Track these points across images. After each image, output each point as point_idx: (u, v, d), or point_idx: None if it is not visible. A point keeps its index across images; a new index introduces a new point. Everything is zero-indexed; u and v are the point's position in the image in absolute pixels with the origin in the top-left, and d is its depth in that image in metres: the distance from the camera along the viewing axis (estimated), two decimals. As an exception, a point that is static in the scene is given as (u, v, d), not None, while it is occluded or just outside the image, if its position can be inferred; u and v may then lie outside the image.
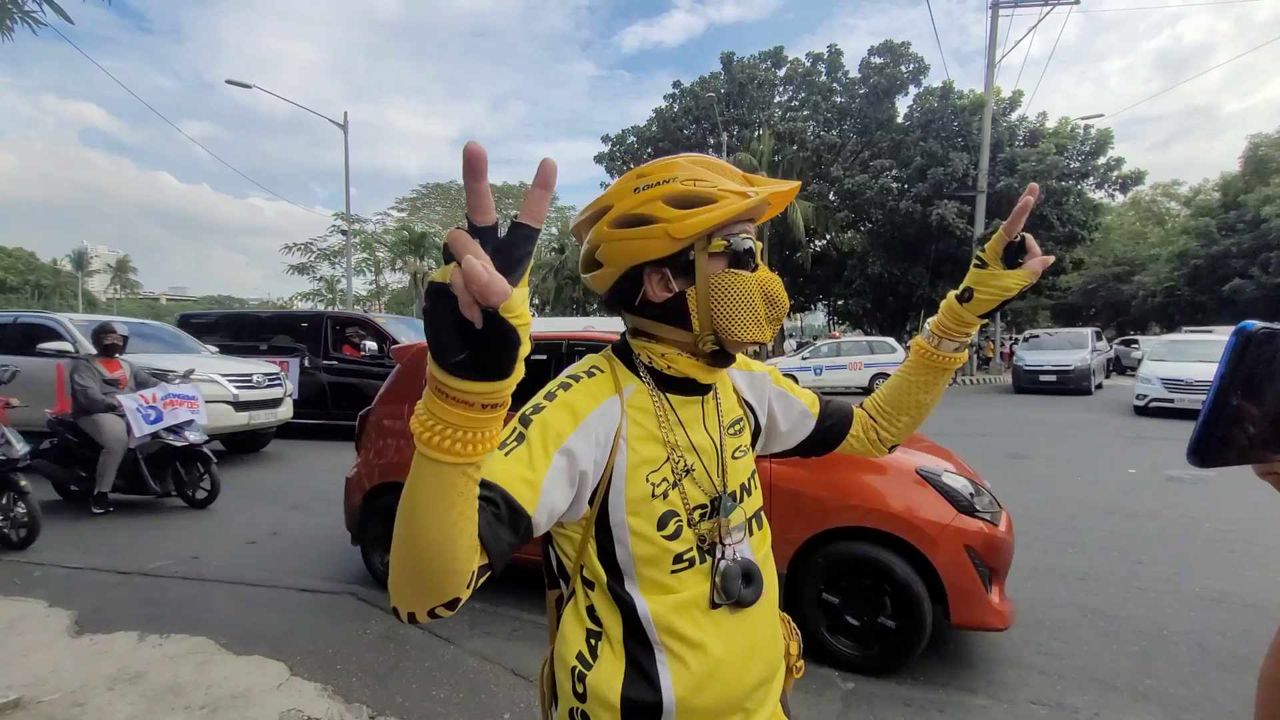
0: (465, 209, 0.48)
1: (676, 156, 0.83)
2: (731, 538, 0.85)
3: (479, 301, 0.44)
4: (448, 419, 0.50)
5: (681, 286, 0.83)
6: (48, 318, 7.73)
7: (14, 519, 4.47)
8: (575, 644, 0.83)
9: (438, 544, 0.57)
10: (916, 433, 3.45)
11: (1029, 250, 0.98)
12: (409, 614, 0.62)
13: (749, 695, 0.84)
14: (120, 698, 2.72)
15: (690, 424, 0.86)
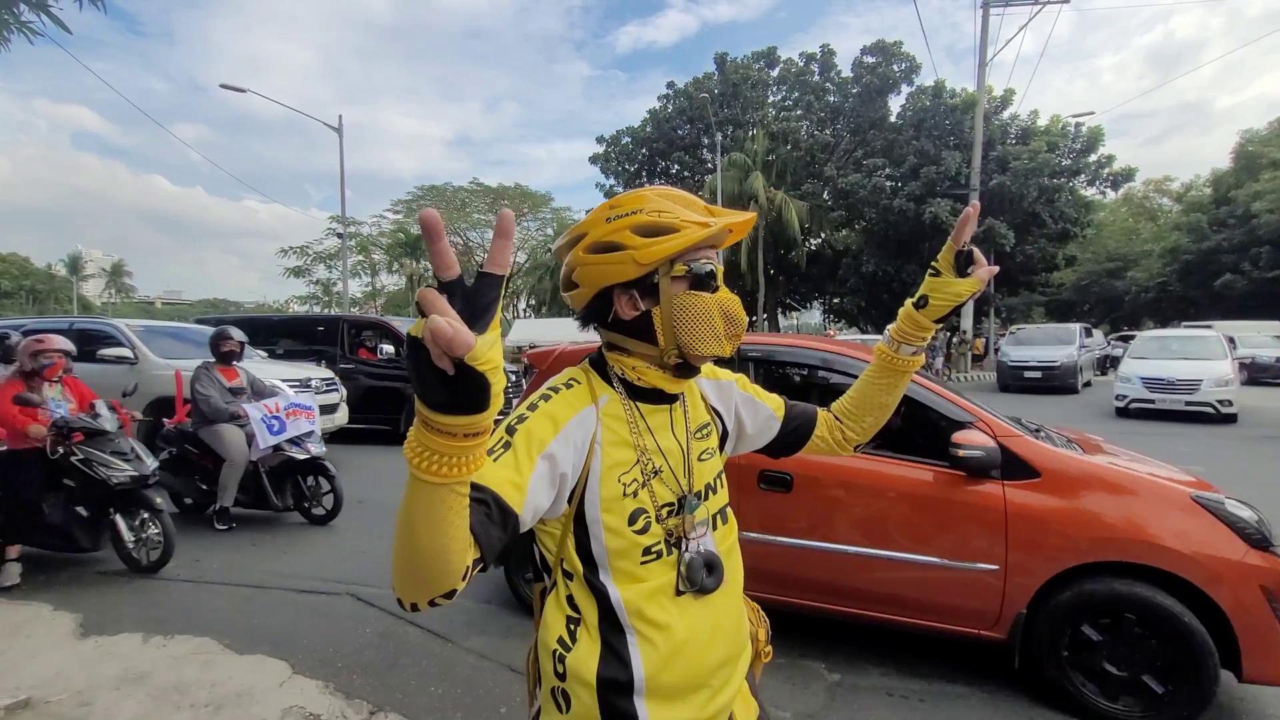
0: (432, 268, 0.56)
1: (645, 189, 0.92)
2: (696, 532, 0.93)
3: (447, 354, 0.52)
4: (434, 447, 0.59)
5: (648, 306, 0.92)
6: (105, 323, 7.70)
7: (146, 540, 4.14)
8: (556, 629, 0.91)
9: (433, 550, 0.66)
10: (1096, 439, 3.27)
11: (976, 261, 1.07)
12: (411, 604, 0.71)
13: (714, 673, 0.93)
14: (126, 697, 2.80)
15: (659, 430, 0.95)
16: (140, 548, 4.13)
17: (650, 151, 31.68)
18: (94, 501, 4.03)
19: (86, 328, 7.69)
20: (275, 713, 2.67)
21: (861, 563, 2.83)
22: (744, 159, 26.30)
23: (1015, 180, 21.75)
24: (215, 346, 5.27)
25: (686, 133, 30.97)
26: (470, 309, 0.55)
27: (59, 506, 4.06)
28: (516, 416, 0.87)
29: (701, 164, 30.64)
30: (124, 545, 4.10)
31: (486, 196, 34.01)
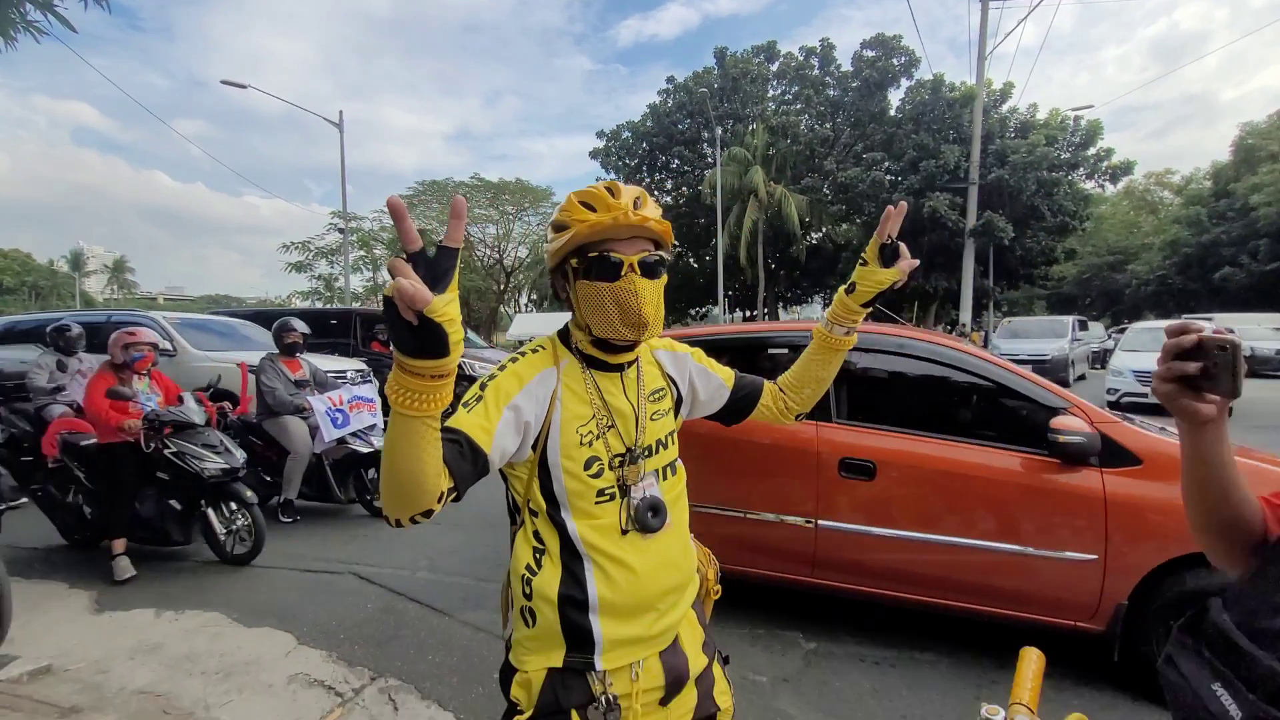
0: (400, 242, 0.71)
1: (577, 191, 1.05)
2: (644, 480, 1.08)
3: (410, 308, 0.67)
4: (408, 386, 0.75)
5: (567, 291, 1.08)
6: (143, 315, 7.76)
7: (237, 532, 4.15)
8: (524, 558, 1.07)
9: (411, 473, 0.81)
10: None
11: (900, 254, 1.22)
12: (395, 520, 0.86)
13: (660, 599, 1.08)
14: (141, 665, 2.97)
15: (610, 392, 1.10)
16: (231, 539, 4.15)
17: (650, 146, 31.73)
18: (186, 495, 4.04)
19: (125, 320, 7.72)
20: (282, 679, 2.84)
21: (949, 552, 2.76)
22: (744, 153, 26.35)
23: (1014, 174, 21.78)
24: (279, 338, 5.25)
25: (687, 127, 31.01)
26: (431, 274, 0.70)
27: (152, 500, 4.08)
28: (489, 375, 1.02)
29: (701, 158, 30.70)
30: (215, 538, 4.12)
31: (487, 191, 34.04)
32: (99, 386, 3.84)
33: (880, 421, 3.02)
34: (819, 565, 3.01)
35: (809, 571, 3.02)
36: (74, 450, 4.16)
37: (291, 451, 4.99)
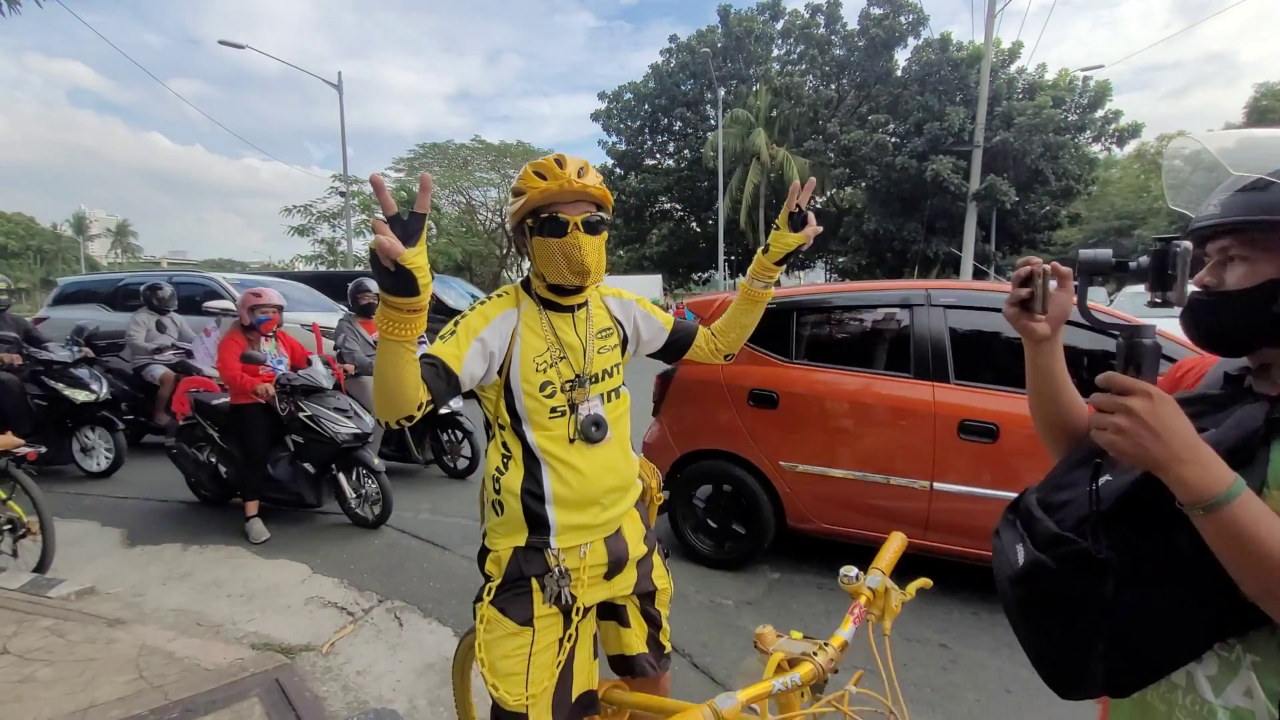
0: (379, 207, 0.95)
1: (532, 162, 1.28)
2: (589, 401, 1.33)
3: (388, 257, 0.93)
4: (390, 317, 1.00)
5: (524, 245, 1.32)
6: (204, 276, 7.85)
7: (366, 495, 4.13)
8: (494, 462, 1.33)
9: (395, 385, 1.07)
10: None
11: (808, 222, 1.45)
12: (385, 421, 1.12)
13: (603, 495, 1.34)
14: (173, 589, 3.31)
15: (562, 329, 1.34)
16: (362, 504, 4.14)
17: (652, 108, 31.30)
18: (319, 459, 4.05)
19: (185, 280, 7.83)
20: (299, 601, 3.18)
21: None
22: (746, 115, 26.03)
23: (1019, 136, 21.55)
24: (355, 299, 5.15)
25: (689, 88, 30.52)
26: (404, 232, 0.95)
27: (285, 462, 4.13)
28: (461, 314, 1.27)
29: (704, 120, 30.30)
30: (347, 502, 4.13)
31: (489, 155, 33.66)
32: (231, 349, 3.83)
33: (1001, 383, 2.95)
34: (932, 528, 3.00)
35: (921, 534, 2.97)
36: (206, 409, 4.20)
37: (373, 412, 5.03)
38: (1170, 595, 0.76)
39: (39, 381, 5.08)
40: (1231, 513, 0.68)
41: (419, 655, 2.70)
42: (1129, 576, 0.77)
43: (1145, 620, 0.78)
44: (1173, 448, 0.70)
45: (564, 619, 1.30)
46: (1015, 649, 2.60)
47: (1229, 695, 0.78)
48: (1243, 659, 0.78)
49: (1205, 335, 0.86)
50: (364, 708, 2.26)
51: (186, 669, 2.36)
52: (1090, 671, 0.82)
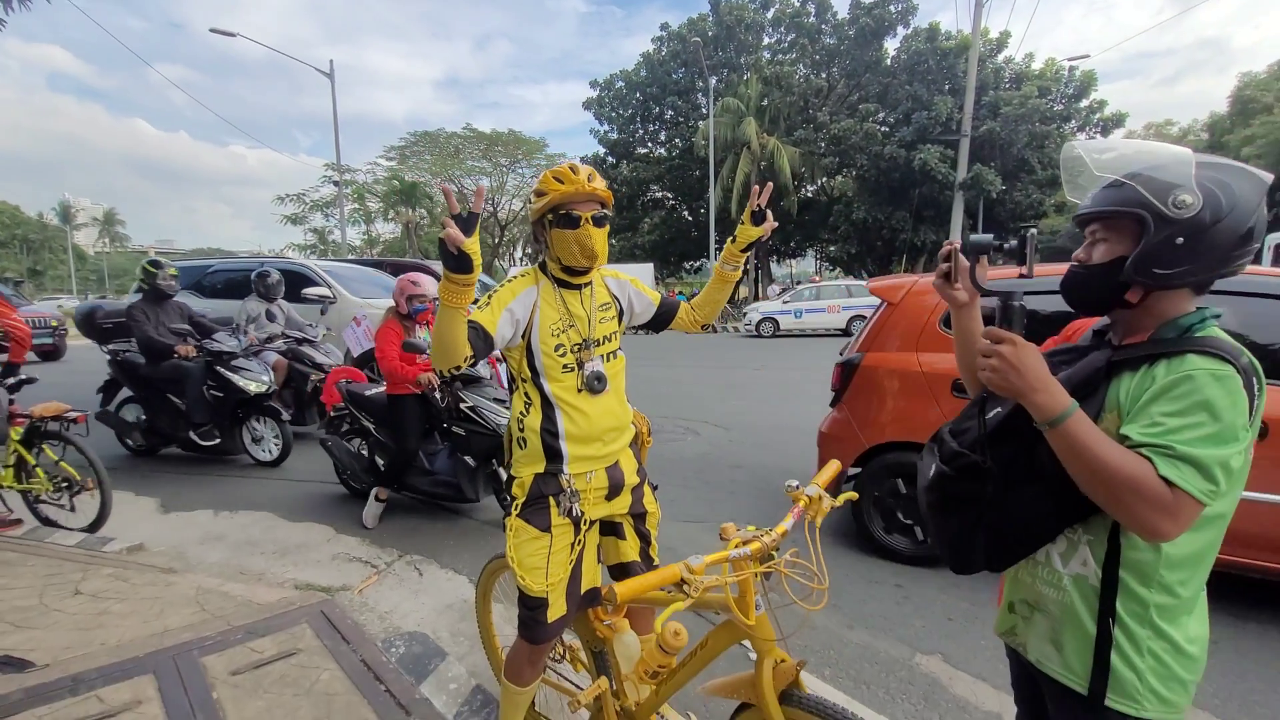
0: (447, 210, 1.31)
1: (551, 169, 1.62)
2: (593, 360, 1.69)
3: (454, 244, 1.29)
4: (450, 289, 1.36)
5: (544, 235, 1.66)
6: (298, 263, 7.89)
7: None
8: (518, 407, 1.69)
9: (450, 341, 1.43)
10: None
11: (766, 218, 1.81)
12: (439, 370, 1.48)
13: (604, 434, 1.70)
14: (210, 549, 3.66)
15: (571, 302, 1.70)
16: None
17: (644, 96, 31.46)
18: (481, 451, 3.78)
19: (279, 268, 7.55)
20: (327, 557, 3.54)
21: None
22: (737, 104, 26.27)
23: (1005, 126, 21.96)
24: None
25: (681, 77, 30.70)
26: (464, 226, 1.31)
27: (444, 455, 4.00)
28: (494, 290, 1.63)
29: (695, 109, 30.50)
30: (504, 496, 3.66)
31: (480, 143, 33.76)
32: (390, 338, 3.74)
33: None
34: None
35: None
36: (360, 400, 4.04)
37: None
38: (1033, 493, 1.06)
39: (212, 372, 5.05)
40: (1068, 427, 0.94)
41: (439, 598, 3.07)
42: (1005, 481, 1.07)
43: (1016, 513, 1.08)
44: (1029, 381, 0.96)
45: (574, 529, 1.67)
46: (959, 586, 3.02)
47: (1072, 565, 1.08)
48: (1081, 538, 1.06)
49: (1075, 299, 1.13)
50: (397, 632, 2.63)
51: (241, 604, 2.72)
52: (975, 553, 1.15)
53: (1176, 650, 1.01)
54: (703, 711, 2.08)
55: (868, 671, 2.48)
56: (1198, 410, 0.91)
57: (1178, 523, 0.91)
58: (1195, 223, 0.96)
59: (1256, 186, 0.98)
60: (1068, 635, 1.08)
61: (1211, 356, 0.94)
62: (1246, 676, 2.38)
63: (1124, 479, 0.91)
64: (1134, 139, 0.93)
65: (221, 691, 2.12)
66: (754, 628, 1.35)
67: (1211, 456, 0.90)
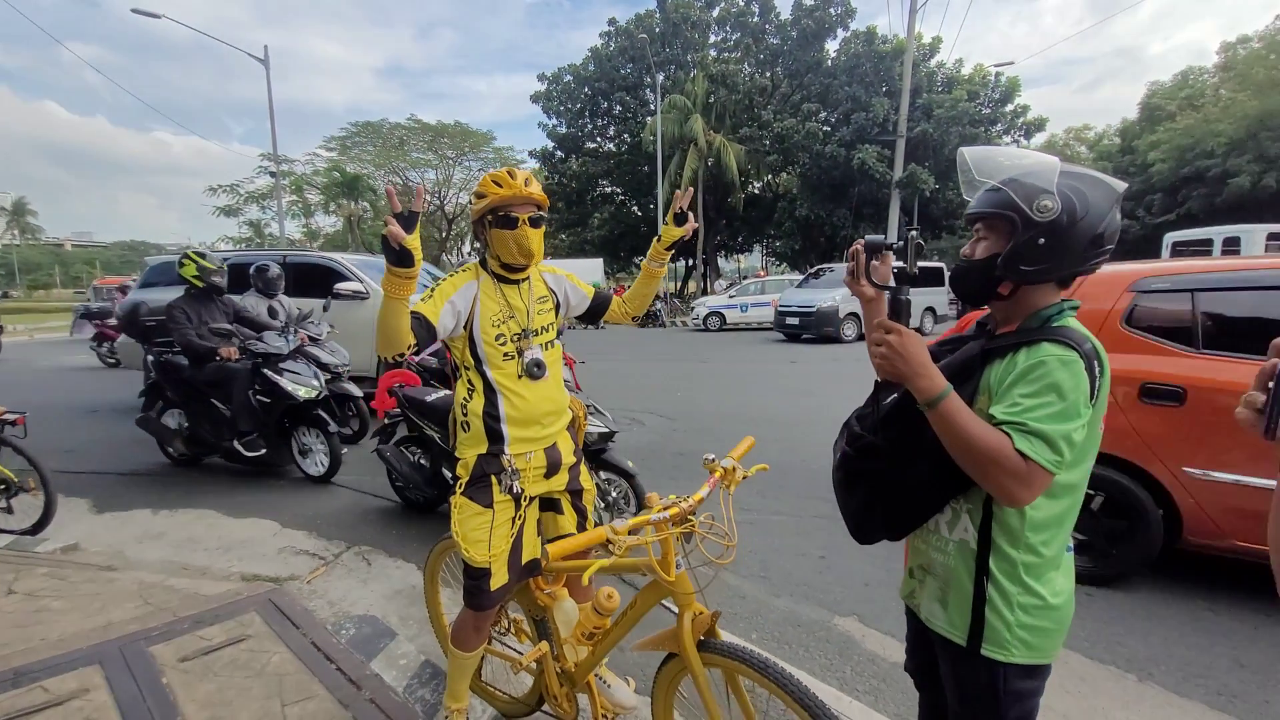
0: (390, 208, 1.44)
1: (490, 173, 1.77)
2: (531, 349, 1.84)
3: (395, 241, 1.43)
4: (392, 281, 1.50)
5: (484, 234, 1.80)
6: (325, 257, 7.33)
7: (615, 502, 3.58)
8: (462, 393, 1.83)
9: (394, 329, 1.56)
10: None
11: (688, 220, 1.99)
12: (383, 357, 1.60)
13: (543, 417, 1.86)
14: (150, 547, 3.62)
15: (511, 296, 1.84)
16: (610, 509, 3.60)
17: (592, 91, 31.42)
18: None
19: (301, 260, 7.26)
20: (273, 551, 3.56)
21: None
22: (684, 101, 26.58)
23: (938, 128, 23.01)
24: None
25: (629, 72, 30.79)
26: (405, 224, 1.44)
27: None
28: (437, 282, 1.75)
29: (643, 105, 30.67)
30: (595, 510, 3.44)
31: (425, 134, 32.96)
32: None
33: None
34: None
35: None
36: (422, 407, 3.55)
37: None
38: (922, 469, 1.18)
39: (259, 375, 4.62)
40: (943, 407, 1.05)
41: (388, 585, 3.15)
42: (898, 458, 1.21)
43: (908, 486, 1.22)
44: (912, 366, 1.07)
45: (515, 504, 1.82)
46: (877, 556, 3.30)
47: (956, 532, 1.21)
48: (963, 507, 1.19)
49: (959, 290, 1.25)
50: (347, 616, 2.72)
51: (187, 596, 2.75)
52: (876, 524, 1.30)
53: (1043, 603, 1.14)
54: (639, 675, 2.26)
55: (790, 633, 2.72)
56: (1048, 391, 1.05)
57: (1031, 489, 1.05)
58: (1054, 225, 1.08)
59: (1108, 194, 1.10)
60: (952, 594, 1.21)
61: (1061, 344, 1.07)
62: (1114, 624, 2.73)
63: (988, 452, 1.02)
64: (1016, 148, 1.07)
65: (171, 677, 2.18)
66: (674, 584, 1.53)
67: (1057, 431, 1.03)
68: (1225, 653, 2.48)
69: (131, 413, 7.07)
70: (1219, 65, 29.49)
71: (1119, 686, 2.33)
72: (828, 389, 8.12)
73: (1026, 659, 1.15)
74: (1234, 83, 26.49)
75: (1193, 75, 30.79)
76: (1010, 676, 1.16)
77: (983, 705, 1.20)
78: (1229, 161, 23.44)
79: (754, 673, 1.44)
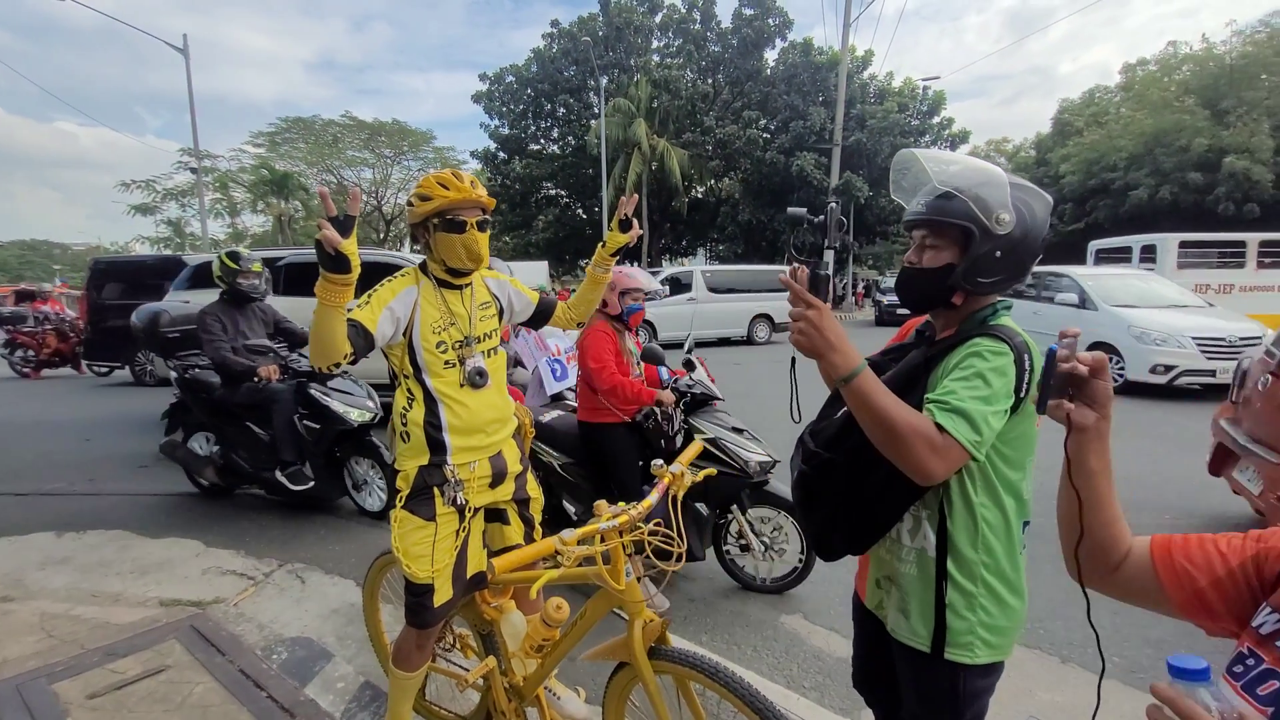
0: (324, 212, 1.37)
1: (432, 173, 1.71)
2: (474, 357, 1.79)
3: (330, 246, 1.36)
4: (328, 288, 1.42)
5: (426, 238, 1.74)
6: (392, 255, 6.72)
7: (760, 549, 3.06)
8: (401, 402, 1.76)
9: (329, 339, 1.48)
10: None
11: (632, 227, 1.98)
12: (319, 368, 1.52)
13: (486, 425, 1.81)
14: (54, 573, 3.33)
15: (453, 302, 1.79)
16: (757, 557, 3.08)
17: (536, 92, 31.13)
18: (724, 496, 3.03)
19: (371, 261, 6.22)
20: (196, 572, 3.34)
21: None
22: (628, 105, 26.70)
23: (871, 137, 23.95)
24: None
25: (572, 74, 30.68)
26: (340, 228, 1.37)
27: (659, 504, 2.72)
28: (374, 289, 1.69)
29: (587, 108, 30.60)
30: (731, 556, 3.17)
31: (361, 132, 31.80)
32: (607, 346, 2.88)
33: None
34: None
35: None
36: (547, 432, 3.18)
37: None
38: (878, 478, 1.15)
39: (305, 396, 3.96)
40: (858, 382, 1.03)
41: (324, 604, 3.00)
42: (854, 469, 1.18)
43: (866, 497, 1.19)
44: (829, 340, 1.04)
45: (459, 516, 1.76)
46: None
47: (917, 539, 1.20)
48: (921, 514, 1.19)
49: (906, 297, 1.26)
50: (279, 639, 2.57)
51: (96, 626, 2.54)
52: (837, 540, 1.28)
53: (1002, 602, 1.16)
54: (589, 684, 2.23)
55: (739, 633, 2.75)
56: (975, 378, 1.07)
57: (946, 463, 1.03)
58: (1010, 238, 1.09)
59: (1045, 205, 1.14)
60: (913, 602, 1.21)
61: (992, 338, 1.11)
62: (1039, 610, 2.88)
63: (903, 425, 1.01)
64: (973, 155, 1.09)
65: (78, 716, 2.01)
66: (624, 592, 1.52)
67: (978, 411, 1.03)
68: (1135, 633, 2.66)
69: (29, 426, 6.54)
70: (1120, 85, 31.88)
71: (1043, 668, 2.47)
72: (764, 389, 8.30)
73: (988, 658, 1.17)
74: (1133, 102, 28.71)
75: (1098, 94, 33.16)
76: (970, 677, 1.18)
77: (942, 707, 1.22)
78: (1129, 175, 25.32)
79: (705, 678, 1.45)
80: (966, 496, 1.16)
